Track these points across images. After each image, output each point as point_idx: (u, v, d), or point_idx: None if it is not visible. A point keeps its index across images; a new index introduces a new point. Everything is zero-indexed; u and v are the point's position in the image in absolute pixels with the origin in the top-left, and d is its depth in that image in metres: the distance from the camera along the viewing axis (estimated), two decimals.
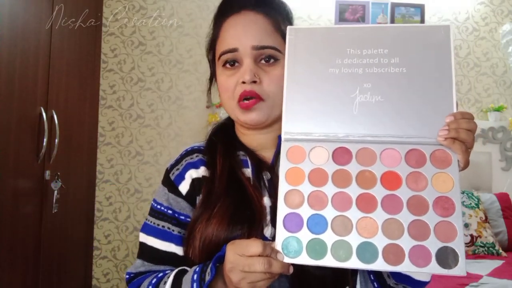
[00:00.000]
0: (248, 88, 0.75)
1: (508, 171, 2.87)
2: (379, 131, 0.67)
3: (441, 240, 0.61)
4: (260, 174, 0.79)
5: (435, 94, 0.67)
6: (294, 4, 2.89)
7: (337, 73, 0.70)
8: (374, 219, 0.63)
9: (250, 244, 0.63)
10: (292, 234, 0.64)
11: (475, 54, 3.01)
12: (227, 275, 0.65)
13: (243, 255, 0.63)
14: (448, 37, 0.68)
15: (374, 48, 0.69)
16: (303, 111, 0.69)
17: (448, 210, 0.63)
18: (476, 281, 1.92)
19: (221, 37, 0.80)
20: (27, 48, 2.00)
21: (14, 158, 1.90)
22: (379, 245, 0.62)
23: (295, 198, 0.66)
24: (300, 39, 0.72)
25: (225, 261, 0.66)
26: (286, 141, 0.69)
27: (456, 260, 0.60)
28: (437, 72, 0.67)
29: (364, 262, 0.61)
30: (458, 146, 0.64)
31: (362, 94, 0.68)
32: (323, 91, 0.69)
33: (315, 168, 0.67)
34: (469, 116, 0.65)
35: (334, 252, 0.62)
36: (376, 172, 0.66)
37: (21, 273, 1.98)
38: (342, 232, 0.63)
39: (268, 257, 0.62)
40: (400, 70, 0.68)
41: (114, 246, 2.86)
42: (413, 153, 0.66)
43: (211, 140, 0.85)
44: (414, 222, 0.62)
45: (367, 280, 0.77)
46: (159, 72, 2.93)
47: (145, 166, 2.89)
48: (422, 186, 0.64)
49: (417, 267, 0.60)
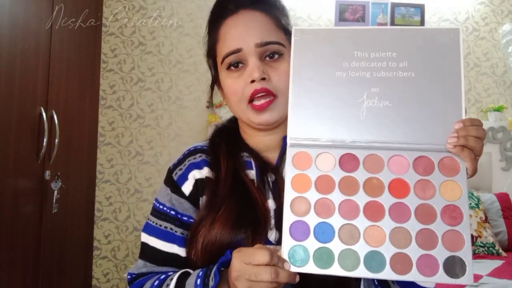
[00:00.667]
0: (258, 86, 0.74)
1: (508, 171, 2.87)
2: (387, 137, 0.66)
3: (449, 249, 0.61)
4: (265, 176, 0.78)
5: (444, 100, 0.66)
6: (294, 4, 2.89)
7: (344, 77, 0.68)
8: (381, 227, 0.62)
9: (257, 252, 0.62)
10: (298, 243, 0.63)
11: (475, 54, 3.01)
12: (232, 283, 0.65)
13: (250, 263, 0.62)
14: (458, 40, 0.67)
15: (382, 51, 0.68)
16: (309, 116, 0.68)
17: (456, 219, 0.62)
18: (476, 281, 1.92)
19: (221, 40, 0.79)
20: (27, 48, 2.00)
21: (14, 158, 1.90)
22: (386, 254, 0.61)
23: (301, 205, 0.64)
24: (306, 40, 0.70)
25: (230, 269, 0.65)
26: (292, 147, 0.68)
27: (463, 269, 0.60)
28: (446, 77, 0.66)
29: (371, 271, 0.61)
30: (467, 154, 0.63)
31: (370, 99, 0.67)
32: (330, 96, 0.68)
33: (322, 175, 0.66)
34: (478, 123, 0.64)
35: (341, 261, 0.61)
36: (383, 179, 0.65)
37: (21, 273, 1.98)
38: (350, 241, 0.62)
39: (274, 266, 0.62)
40: (408, 75, 0.67)
41: (114, 246, 2.85)
42: (421, 160, 0.65)
43: (215, 141, 0.84)
44: (422, 231, 0.62)
45: (370, 285, 0.77)
46: (159, 72, 2.93)
47: (145, 166, 2.89)
48: (430, 195, 0.64)
49: (424, 276, 0.60)
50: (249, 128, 0.82)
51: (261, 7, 0.78)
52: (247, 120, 0.79)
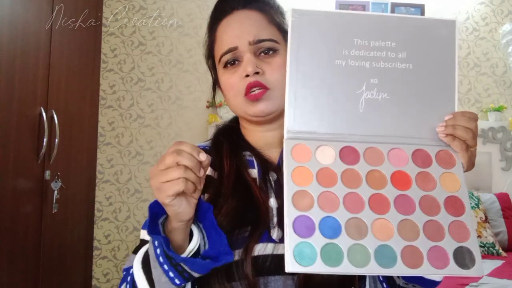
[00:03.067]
0: (252, 79, 0.75)
1: (508, 171, 2.87)
2: (385, 131, 0.66)
3: (456, 240, 0.60)
4: (267, 175, 0.78)
5: (439, 94, 0.66)
6: (294, 4, 2.89)
7: (344, 66, 0.66)
8: (388, 220, 0.61)
9: (163, 158, 0.60)
10: (303, 240, 0.58)
11: (475, 54, 3.01)
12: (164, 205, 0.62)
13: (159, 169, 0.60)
14: (453, 32, 0.66)
15: (382, 40, 0.66)
16: (307, 107, 0.66)
17: (458, 210, 0.62)
18: (476, 281, 1.92)
19: (218, 40, 0.80)
20: (27, 48, 2.00)
21: (14, 158, 1.90)
22: (396, 248, 0.59)
23: (304, 199, 0.61)
24: (305, 22, 0.66)
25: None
26: (290, 139, 0.65)
27: (473, 260, 0.59)
28: (441, 69, 0.66)
29: (383, 266, 0.58)
30: (457, 144, 0.64)
31: (369, 90, 0.66)
32: (329, 86, 0.66)
33: (323, 168, 0.63)
34: (470, 115, 0.65)
35: (351, 258, 0.58)
36: (385, 172, 0.64)
37: (21, 273, 1.98)
38: (357, 236, 0.59)
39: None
40: (407, 66, 0.66)
41: (114, 246, 2.85)
42: (419, 153, 0.66)
43: (217, 140, 0.85)
44: (428, 223, 0.61)
45: (376, 281, 0.77)
46: (159, 72, 2.93)
47: (145, 166, 2.89)
48: (431, 186, 0.63)
49: (436, 269, 0.58)
50: (248, 123, 0.82)
51: (255, 6, 0.80)
52: (244, 114, 0.80)
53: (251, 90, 0.75)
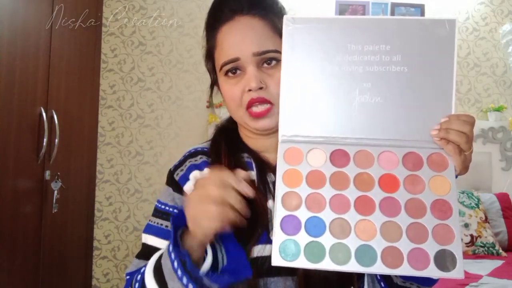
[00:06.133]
0: (255, 95, 0.74)
1: (508, 171, 2.87)
2: (377, 134, 0.66)
3: (439, 243, 0.61)
4: (264, 177, 0.78)
5: (435, 96, 0.66)
6: (294, 4, 2.89)
7: (337, 71, 0.67)
8: (372, 221, 0.63)
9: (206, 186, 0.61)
10: (289, 237, 0.63)
11: (475, 54, 3.01)
12: (192, 231, 0.64)
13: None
14: (453, 32, 0.65)
15: (376, 44, 0.66)
16: (301, 112, 0.68)
17: (445, 213, 0.62)
18: (476, 281, 1.92)
19: (218, 46, 0.78)
20: (27, 48, 2.00)
21: (14, 158, 1.90)
22: (377, 248, 0.61)
23: (292, 200, 0.65)
24: (298, 30, 0.68)
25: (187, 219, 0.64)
26: (283, 143, 0.68)
27: (454, 263, 0.60)
28: (438, 72, 0.66)
29: (363, 265, 0.61)
30: (451, 148, 0.64)
31: (362, 94, 0.67)
32: (322, 91, 0.67)
33: (313, 170, 0.66)
34: (466, 118, 0.64)
35: (333, 255, 0.61)
36: (374, 174, 0.65)
37: (21, 273, 1.98)
38: (340, 235, 0.62)
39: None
40: (401, 69, 0.66)
41: (114, 246, 2.86)
42: (410, 156, 0.66)
43: (216, 141, 0.85)
44: (412, 225, 0.62)
45: (374, 280, 0.77)
46: (159, 72, 2.93)
47: (145, 166, 2.89)
48: (420, 189, 0.64)
49: (415, 270, 0.60)
50: (247, 130, 0.82)
51: (258, 12, 0.77)
52: (244, 125, 0.80)
53: (254, 104, 0.75)
